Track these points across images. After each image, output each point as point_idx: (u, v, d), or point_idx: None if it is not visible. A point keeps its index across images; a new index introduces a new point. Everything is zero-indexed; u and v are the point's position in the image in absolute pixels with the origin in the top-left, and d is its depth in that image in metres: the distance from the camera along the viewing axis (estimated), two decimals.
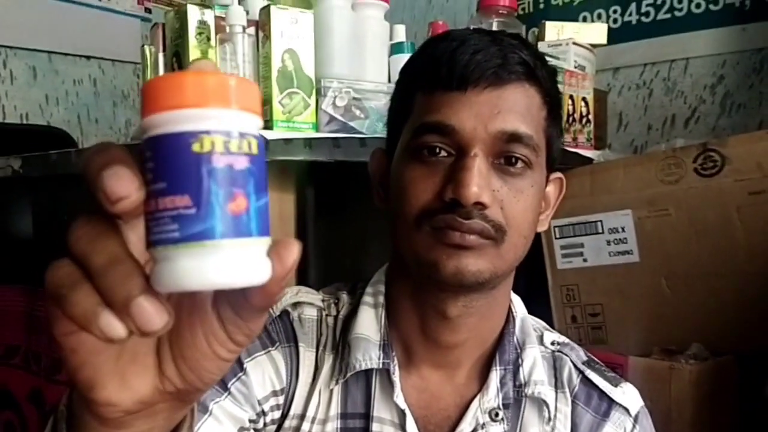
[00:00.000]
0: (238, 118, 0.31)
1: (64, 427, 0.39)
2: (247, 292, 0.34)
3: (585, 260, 1.22)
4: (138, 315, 0.30)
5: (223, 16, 0.99)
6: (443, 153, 0.62)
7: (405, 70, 0.70)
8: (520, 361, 0.69)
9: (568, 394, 0.69)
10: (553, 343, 0.72)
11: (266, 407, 0.66)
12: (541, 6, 1.86)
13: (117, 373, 0.35)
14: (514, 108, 0.62)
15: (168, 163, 0.30)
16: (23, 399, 1.26)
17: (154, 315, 0.30)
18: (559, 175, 0.70)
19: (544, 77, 0.64)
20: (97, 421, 0.36)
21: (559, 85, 0.77)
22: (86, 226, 0.32)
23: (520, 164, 0.62)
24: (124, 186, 0.30)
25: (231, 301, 0.35)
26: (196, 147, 0.30)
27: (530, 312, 0.75)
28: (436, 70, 0.63)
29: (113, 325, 0.30)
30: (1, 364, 1.30)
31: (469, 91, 0.61)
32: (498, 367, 0.68)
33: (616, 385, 0.70)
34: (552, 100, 0.66)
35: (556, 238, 1.24)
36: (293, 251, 0.33)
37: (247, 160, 0.31)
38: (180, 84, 0.30)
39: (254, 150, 0.32)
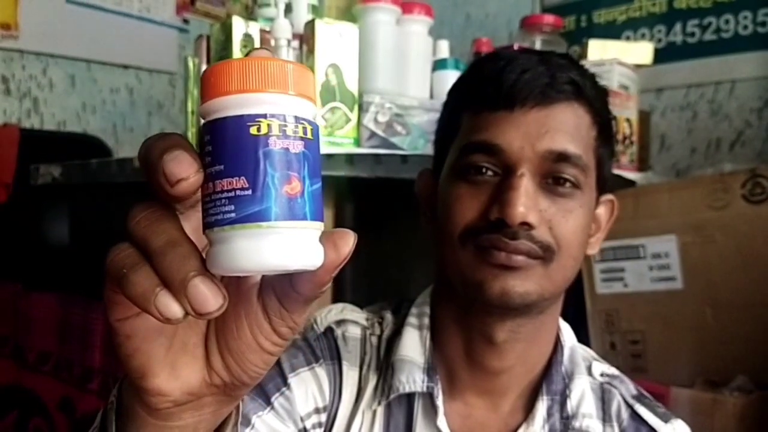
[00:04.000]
0: (294, 103, 0.32)
1: (114, 418, 0.39)
2: (295, 281, 0.34)
3: (626, 285, 1.19)
4: (194, 296, 0.30)
5: (268, 29, 0.99)
6: (490, 173, 0.61)
7: (453, 90, 0.69)
8: (567, 391, 0.66)
9: (616, 429, 0.67)
10: (602, 375, 0.69)
11: (308, 424, 0.65)
12: (584, 24, 1.84)
13: (168, 362, 0.36)
14: (562, 127, 0.60)
15: (226, 146, 0.31)
16: (53, 406, 1.27)
17: (209, 297, 0.30)
18: (610, 197, 0.69)
19: (593, 97, 0.63)
20: (146, 411, 0.37)
21: None
22: (145, 210, 0.33)
23: (568, 185, 0.61)
24: (183, 168, 0.31)
25: (277, 291, 0.35)
26: (253, 130, 0.31)
27: None
28: (483, 90, 0.62)
29: (170, 306, 0.31)
30: (31, 370, 1.31)
31: (516, 111, 0.60)
32: (545, 397, 0.66)
33: (666, 421, 0.67)
34: (602, 120, 0.64)
35: (596, 262, 1.21)
36: (349, 241, 0.33)
37: (302, 144, 0.32)
38: (240, 69, 0.31)
39: (309, 135, 0.32)
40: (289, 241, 0.31)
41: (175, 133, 0.33)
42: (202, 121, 0.33)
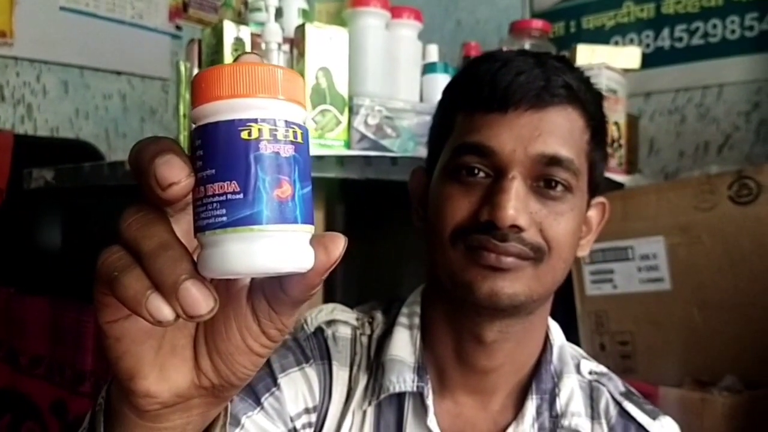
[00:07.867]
0: (284, 107, 0.32)
1: (102, 420, 0.39)
2: (285, 283, 0.34)
3: (615, 287, 1.19)
4: (185, 299, 0.30)
5: (259, 33, 1.00)
6: (482, 174, 0.62)
7: (447, 90, 0.69)
8: (557, 390, 0.67)
9: (604, 426, 0.67)
10: (590, 373, 0.70)
11: (298, 424, 0.65)
12: (573, 29, 1.86)
13: (157, 364, 0.36)
14: (556, 131, 0.61)
15: (217, 150, 0.32)
16: (46, 410, 1.27)
17: (200, 300, 0.31)
18: (601, 199, 0.69)
19: (588, 101, 0.64)
20: (134, 413, 0.37)
21: None
22: (136, 213, 0.33)
23: (559, 188, 0.61)
24: (175, 172, 0.31)
25: (267, 293, 0.35)
26: (244, 134, 0.31)
27: None
28: (477, 91, 0.62)
29: (161, 308, 0.31)
30: (25, 374, 1.31)
31: (509, 113, 0.61)
32: (534, 396, 0.66)
33: (654, 418, 0.68)
34: (596, 124, 0.65)
35: (585, 264, 1.22)
36: (339, 244, 0.33)
37: (292, 148, 0.32)
38: (230, 75, 0.32)
39: (299, 139, 0.33)
40: (280, 244, 0.32)
41: (166, 137, 0.33)
42: (193, 126, 0.33)
